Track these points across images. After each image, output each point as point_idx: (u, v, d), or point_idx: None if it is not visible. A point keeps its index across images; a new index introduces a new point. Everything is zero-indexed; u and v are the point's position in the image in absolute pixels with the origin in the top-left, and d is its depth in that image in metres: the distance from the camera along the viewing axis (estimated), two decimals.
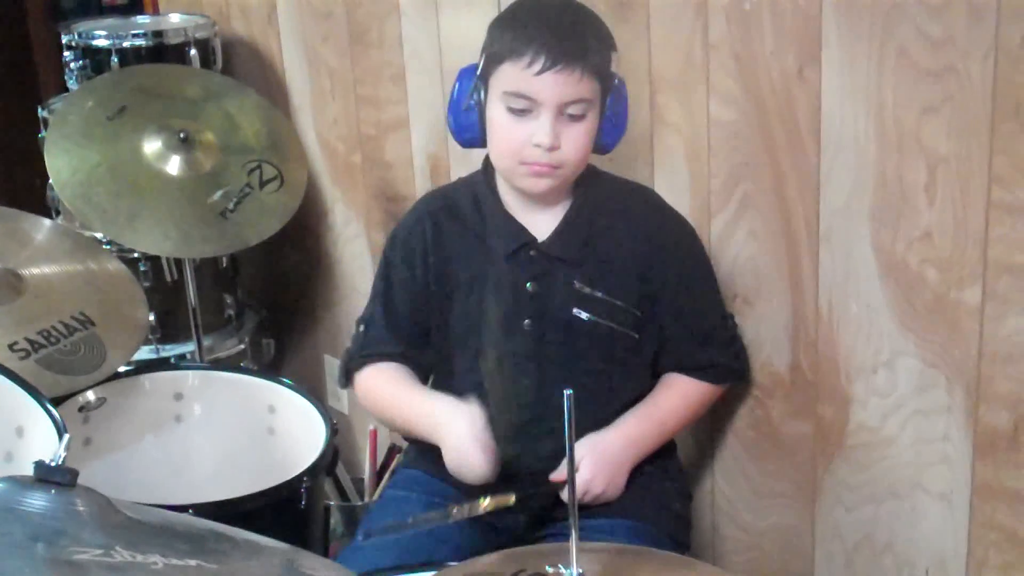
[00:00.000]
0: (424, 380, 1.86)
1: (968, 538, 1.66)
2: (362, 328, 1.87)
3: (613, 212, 1.77)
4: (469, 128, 1.71)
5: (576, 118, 1.65)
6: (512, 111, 1.65)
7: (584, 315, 1.74)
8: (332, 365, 2.89)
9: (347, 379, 1.90)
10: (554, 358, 1.75)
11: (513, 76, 1.63)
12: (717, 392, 1.85)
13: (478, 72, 1.69)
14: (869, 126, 1.62)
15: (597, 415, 1.75)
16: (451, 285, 1.79)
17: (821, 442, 1.83)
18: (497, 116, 1.67)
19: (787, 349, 1.84)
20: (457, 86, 1.72)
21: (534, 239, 1.75)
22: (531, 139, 1.64)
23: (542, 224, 1.76)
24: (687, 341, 1.80)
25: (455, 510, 1.62)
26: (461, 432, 1.65)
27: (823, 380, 1.80)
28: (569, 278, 1.74)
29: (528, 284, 1.74)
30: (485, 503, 1.63)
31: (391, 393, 1.83)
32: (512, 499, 1.65)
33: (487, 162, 1.79)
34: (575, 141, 1.66)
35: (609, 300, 1.74)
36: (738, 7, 1.75)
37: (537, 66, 1.60)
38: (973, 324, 1.58)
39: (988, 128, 1.49)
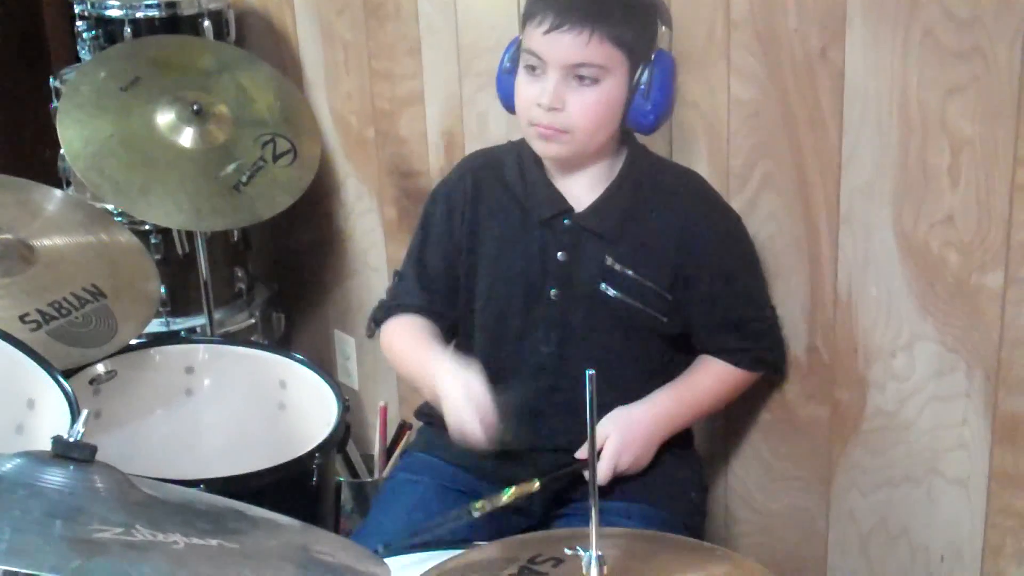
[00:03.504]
0: (451, 335, 1.85)
1: (984, 524, 1.65)
2: (396, 279, 1.88)
3: (656, 193, 1.75)
4: (508, 95, 1.73)
5: (586, 82, 1.63)
6: (527, 71, 1.66)
7: (611, 291, 1.72)
8: (342, 340, 2.88)
9: (375, 326, 1.90)
10: (577, 330, 1.74)
11: (528, 35, 1.65)
12: (750, 379, 1.83)
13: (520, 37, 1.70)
14: (892, 107, 1.60)
15: (613, 392, 1.73)
16: (481, 244, 1.78)
17: (837, 426, 1.82)
18: (519, 76, 1.68)
19: (804, 331, 1.82)
20: (505, 53, 1.74)
21: (571, 209, 1.73)
22: (537, 99, 1.64)
23: (582, 195, 1.74)
24: (718, 328, 1.78)
25: (477, 506, 1.60)
26: (457, 397, 1.63)
27: (840, 363, 1.78)
28: (600, 253, 1.72)
29: (559, 253, 1.73)
30: (507, 495, 1.61)
31: (407, 347, 1.82)
32: (536, 485, 1.64)
33: None
34: (583, 107, 1.63)
35: (640, 280, 1.72)
36: None
37: (545, 25, 1.61)
38: (994, 309, 1.56)
39: (1014, 110, 1.47)
